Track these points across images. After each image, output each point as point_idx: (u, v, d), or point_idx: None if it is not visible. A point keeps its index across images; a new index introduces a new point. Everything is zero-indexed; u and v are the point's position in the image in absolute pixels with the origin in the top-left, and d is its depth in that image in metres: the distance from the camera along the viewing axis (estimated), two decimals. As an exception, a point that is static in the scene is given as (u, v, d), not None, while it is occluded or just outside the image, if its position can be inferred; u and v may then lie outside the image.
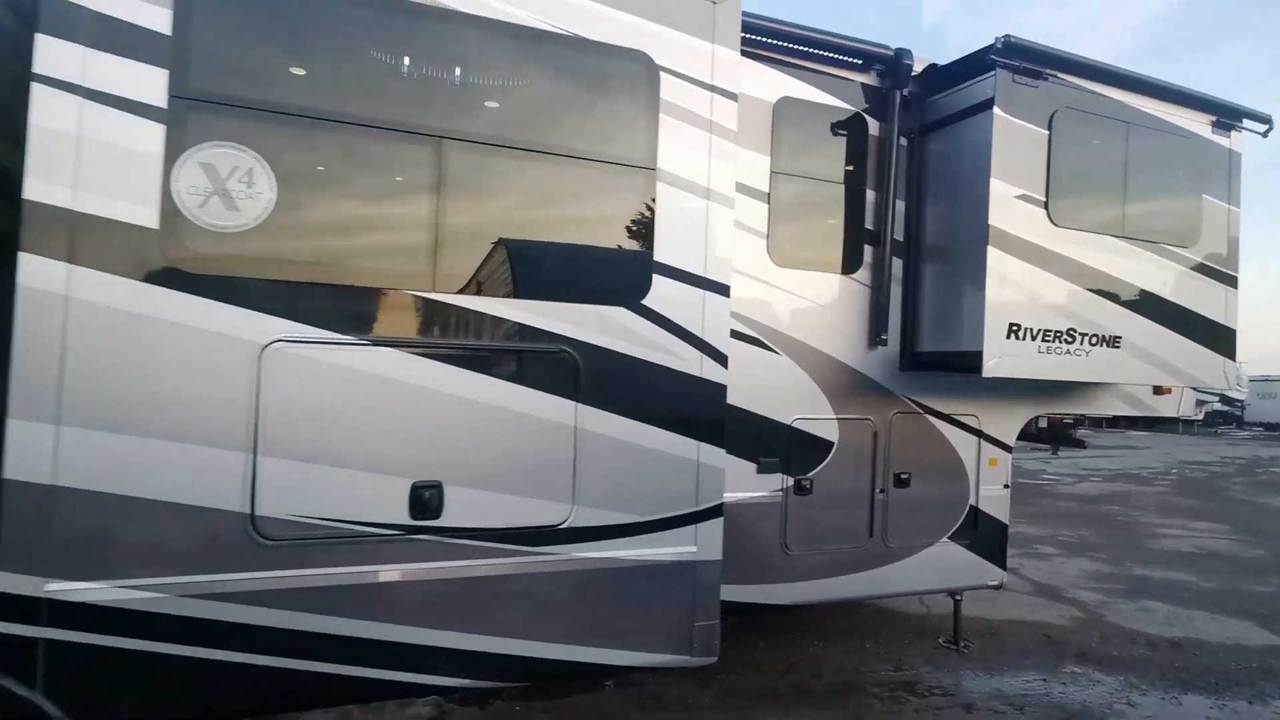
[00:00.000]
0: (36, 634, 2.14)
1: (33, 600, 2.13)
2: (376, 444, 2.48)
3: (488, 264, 2.66)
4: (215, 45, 2.37)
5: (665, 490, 2.87)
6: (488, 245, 2.68)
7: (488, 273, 2.66)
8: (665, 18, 2.90)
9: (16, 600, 2.12)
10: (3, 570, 2.11)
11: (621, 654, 2.82)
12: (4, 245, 2.17)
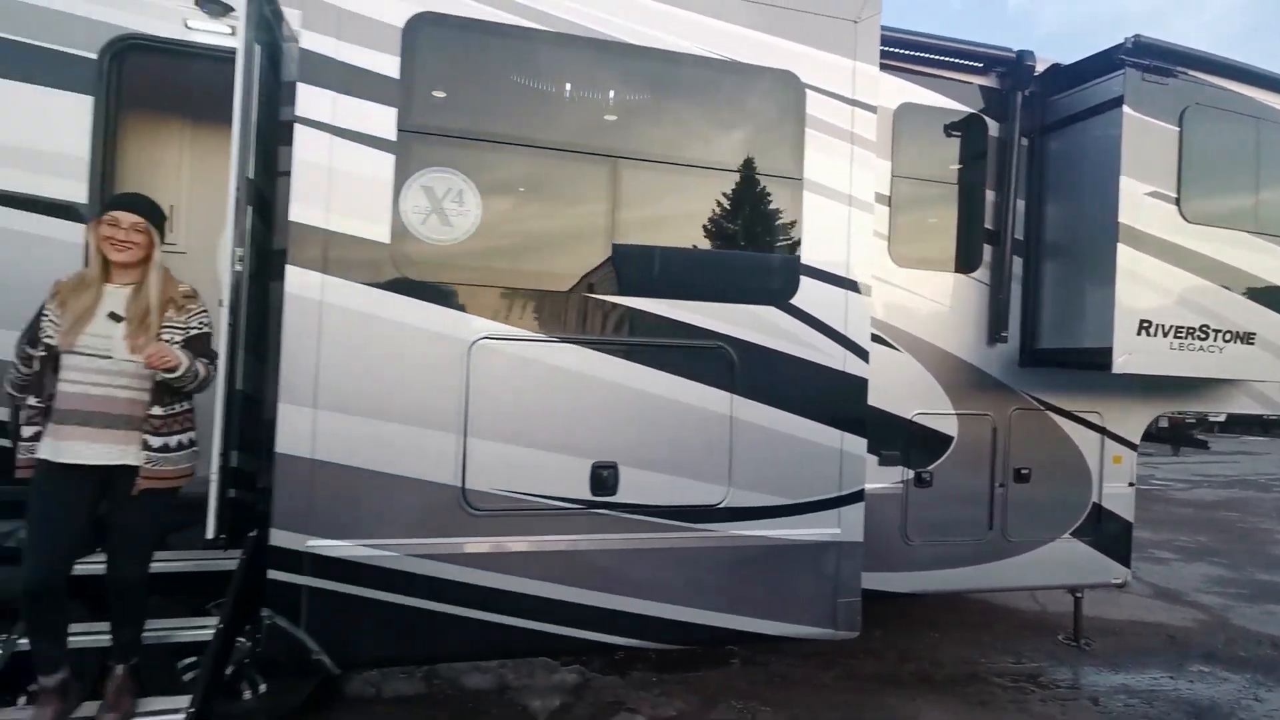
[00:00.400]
0: (300, 581, 2.58)
1: (297, 554, 2.57)
2: (562, 428, 2.83)
3: (655, 269, 2.97)
4: (432, 85, 2.76)
5: (811, 476, 3.11)
6: (655, 253, 2.98)
7: (655, 277, 2.97)
8: (811, 39, 3.14)
9: (286, 553, 2.56)
10: (277, 528, 2.56)
11: (772, 624, 3.08)
12: (277, 260, 2.62)
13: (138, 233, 2.45)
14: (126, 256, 2.45)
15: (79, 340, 2.37)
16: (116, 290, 2.47)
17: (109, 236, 2.43)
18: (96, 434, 2.37)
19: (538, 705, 3.76)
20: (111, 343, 2.39)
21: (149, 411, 2.45)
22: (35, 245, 3.20)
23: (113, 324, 2.41)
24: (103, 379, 2.39)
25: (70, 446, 2.36)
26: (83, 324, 2.38)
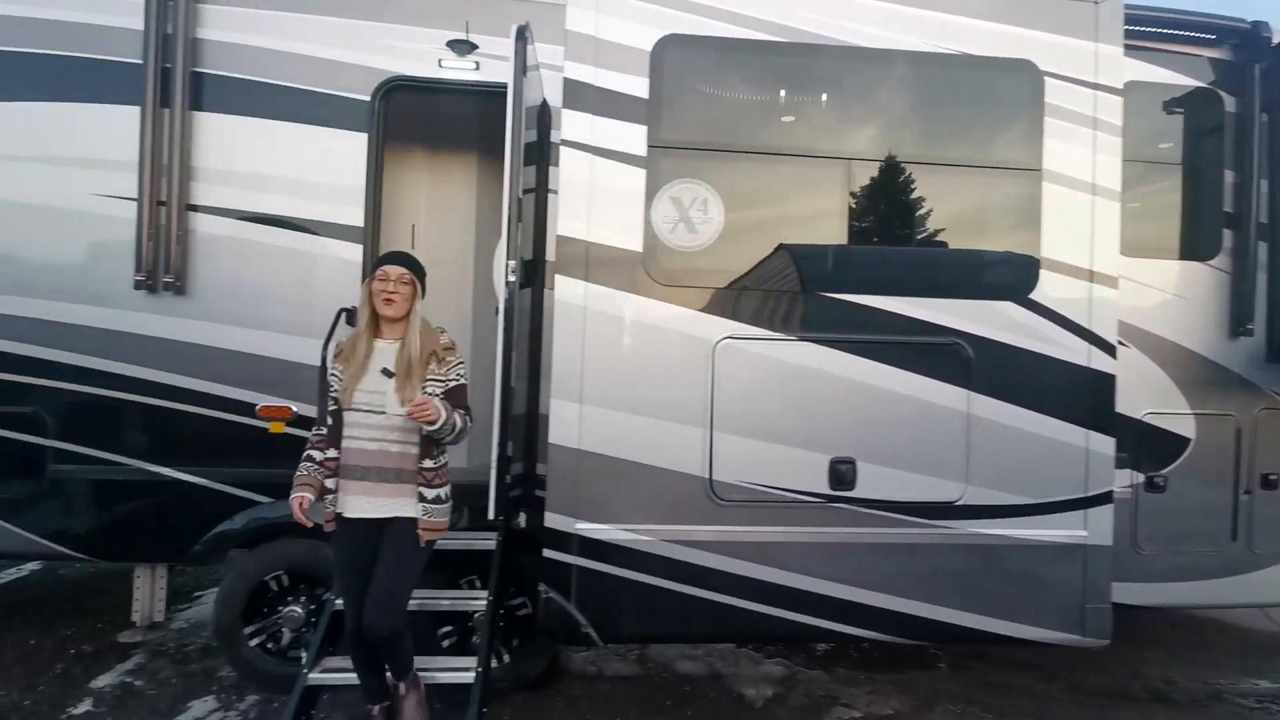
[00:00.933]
0: (570, 561, 2.85)
1: (568, 535, 2.85)
2: (802, 424, 2.94)
3: (890, 268, 3.01)
4: (676, 102, 2.96)
5: (1054, 475, 3.03)
6: (890, 252, 3.02)
7: (890, 275, 3.01)
8: (1048, 24, 3.06)
9: (559, 534, 2.85)
10: (551, 511, 2.84)
11: (1013, 626, 3.02)
12: (546, 271, 2.91)
13: (404, 284, 2.58)
14: (394, 310, 2.57)
15: (356, 397, 2.53)
16: (387, 346, 2.60)
17: (380, 290, 2.57)
18: (374, 488, 2.52)
19: (752, 693, 3.88)
20: (384, 398, 2.52)
21: (420, 464, 2.57)
22: (324, 264, 3.74)
23: (385, 379, 2.54)
24: (378, 434, 2.52)
25: (354, 501, 2.53)
26: (358, 380, 2.53)
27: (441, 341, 2.66)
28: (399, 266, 2.61)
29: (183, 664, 4.02)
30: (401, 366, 2.53)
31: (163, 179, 3.64)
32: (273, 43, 3.74)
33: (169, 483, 3.68)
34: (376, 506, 2.55)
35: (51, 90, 3.63)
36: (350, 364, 2.55)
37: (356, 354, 2.57)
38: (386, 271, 2.60)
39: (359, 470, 2.53)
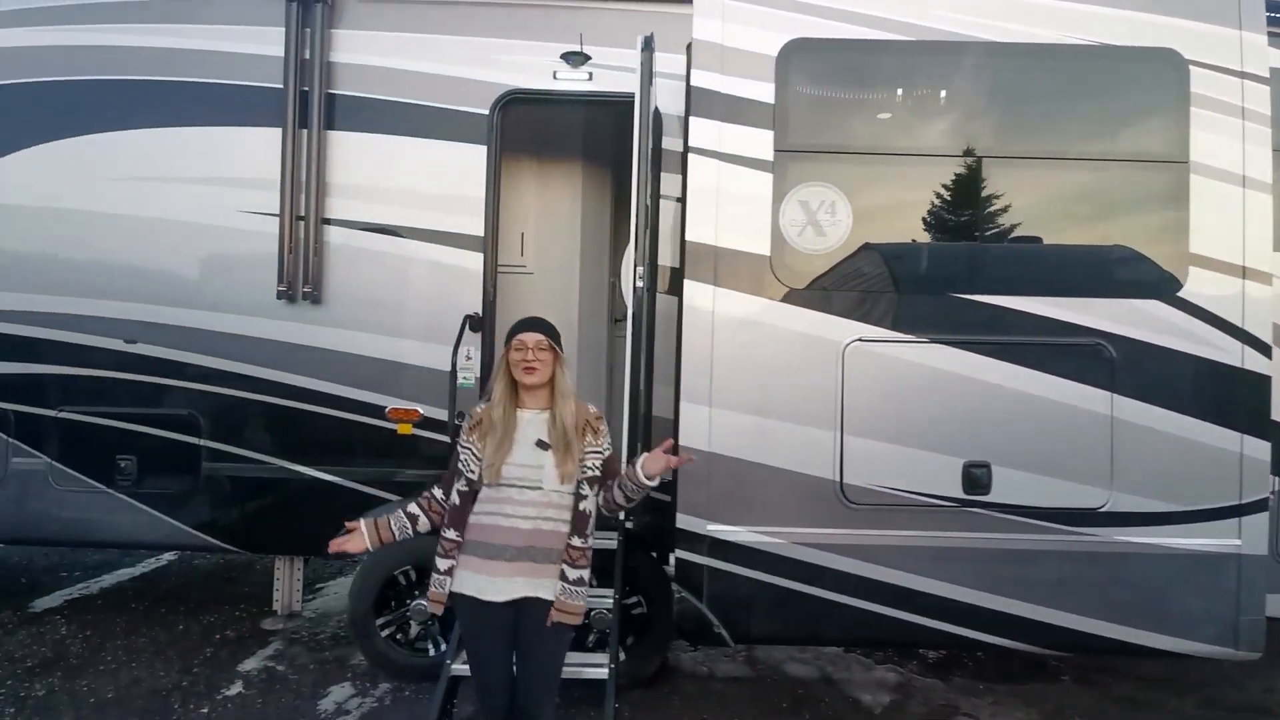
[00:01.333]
0: (703, 561, 2.89)
1: (700, 536, 2.89)
2: (934, 427, 2.90)
3: (1024, 265, 2.94)
4: (804, 106, 2.97)
5: (1205, 481, 2.89)
6: (1023, 249, 2.96)
7: (1024, 273, 2.94)
8: (1191, 11, 2.92)
9: (689, 535, 2.90)
10: (682, 513, 2.90)
11: (1160, 638, 2.90)
12: (677, 277, 2.97)
13: (542, 351, 2.37)
14: (535, 378, 2.36)
15: (507, 472, 2.29)
16: (533, 416, 2.39)
17: (519, 360, 2.36)
18: (522, 568, 2.28)
19: (869, 699, 3.84)
20: (542, 472, 2.30)
21: (569, 542, 2.33)
22: (448, 272, 3.91)
23: (540, 452, 2.32)
24: (532, 511, 2.29)
25: (496, 583, 2.28)
26: (507, 454, 2.30)
27: (592, 411, 2.47)
28: (535, 333, 2.40)
29: (317, 651, 4.26)
30: (558, 439, 2.32)
31: (301, 195, 3.88)
32: (398, 63, 3.93)
33: (307, 480, 3.92)
34: (521, 587, 2.29)
35: (203, 116, 3.92)
36: (492, 438, 2.31)
37: (498, 426, 2.32)
38: (523, 340, 2.39)
39: (509, 550, 2.27)
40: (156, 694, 3.65)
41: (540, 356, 2.37)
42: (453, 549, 2.33)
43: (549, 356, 2.40)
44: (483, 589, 2.29)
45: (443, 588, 2.34)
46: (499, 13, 3.93)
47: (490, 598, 2.29)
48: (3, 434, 3.93)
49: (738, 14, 2.93)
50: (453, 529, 2.34)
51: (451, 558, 2.33)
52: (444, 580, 2.33)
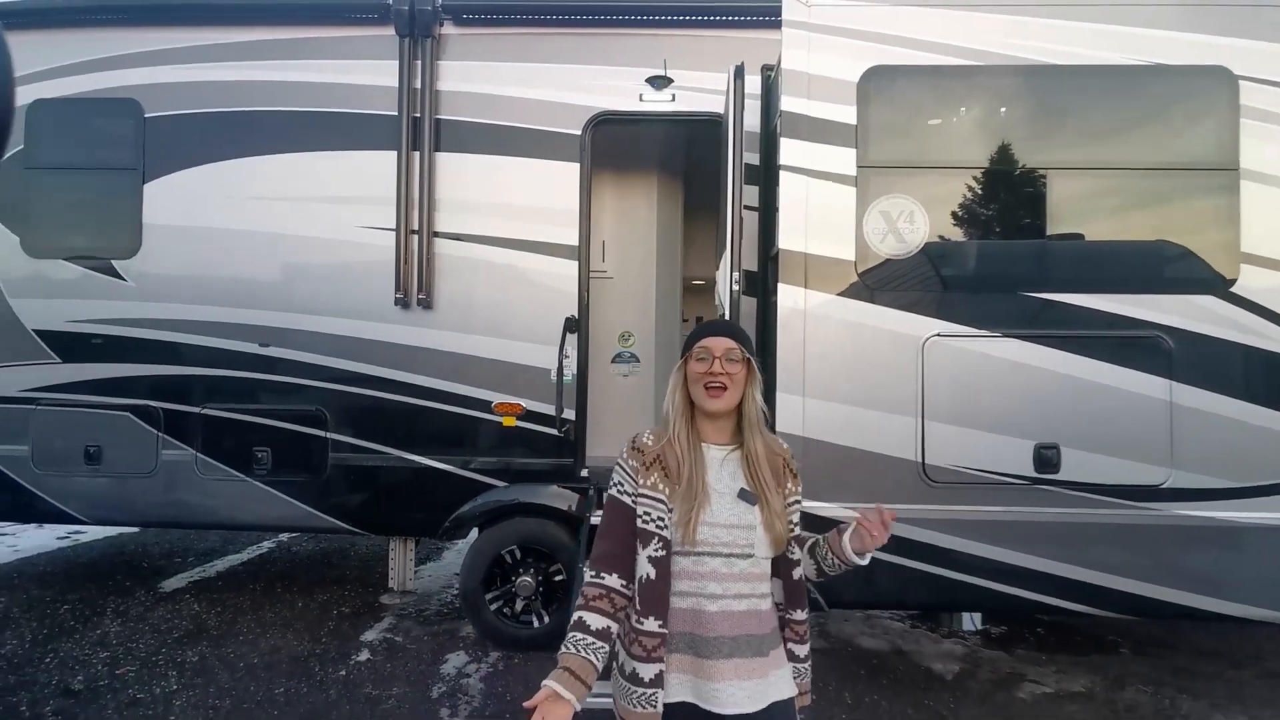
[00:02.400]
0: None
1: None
2: (1007, 412, 3.21)
3: (1084, 266, 3.24)
4: (881, 125, 3.30)
5: (1259, 460, 3.16)
6: (1086, 250, 3.26)
7: (1085, 273, 3.24)
8: (1241, 27, 3.20)
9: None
10: (780, 490, 3.24)
11: (1224, 604, 3.18)
12: (770, 281, 3.33)
13: (732, 363, 1.71)
14: (722, 403, 1.70)
15: (708, 533, 1.63)
16: (725, 456, 1.74)
17: (701, 374, 1.71)
18: (743, 666, 1.63)
19: (940, 668, 4.15)
20: (753, 535, 1.66)
21: (790, 616, 1.74)
22: (545, 278, 4.31)
23: (746, 508, 1.67)
24: (745, 587, 1.66)
25: (722, 690, 1.61)
26: (703, 508, 1.64)
27: (785, 447, 1.83)
28: (724, 339, 1.74)
29: (427, 625, 4.69)
30: (763, 488, 1.68)
31: (414, 211, 4.31)
32: (498, 89, 4.34)
33: (421, 468, 4.35)
34: (757, 693, 1.64)
35: (328, 141, 4.37)
36: (679, 483, 1.66)
37: (684, 469, 1.67)
38: (708, 347, 1.72)
39: (725, 644, 1.63)
40: (296, 660, 4.10)
41: (730, 370, 1.71)
42: (659, 647, 1.62)
43: (741, 372, 1.73)
44: (704, 697, 1.63)
45: (654, 705, 1.60)
46: (589, 40, 4.32)
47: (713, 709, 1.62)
48: (154, 429, 4.42)
49: (822, 45, 3.27)
50: (653, 617, 1.62)
51: (659, 660, 1.62)
52: (654, 696, 1.61)
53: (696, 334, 1.78)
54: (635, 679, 1.62)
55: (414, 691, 3.76)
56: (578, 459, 4.28)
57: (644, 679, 1.61)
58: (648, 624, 1.62)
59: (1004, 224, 3.33)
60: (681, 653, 1.65)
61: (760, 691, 1.64)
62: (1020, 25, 3.27)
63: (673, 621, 1.65)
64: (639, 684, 1.61)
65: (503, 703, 3.65)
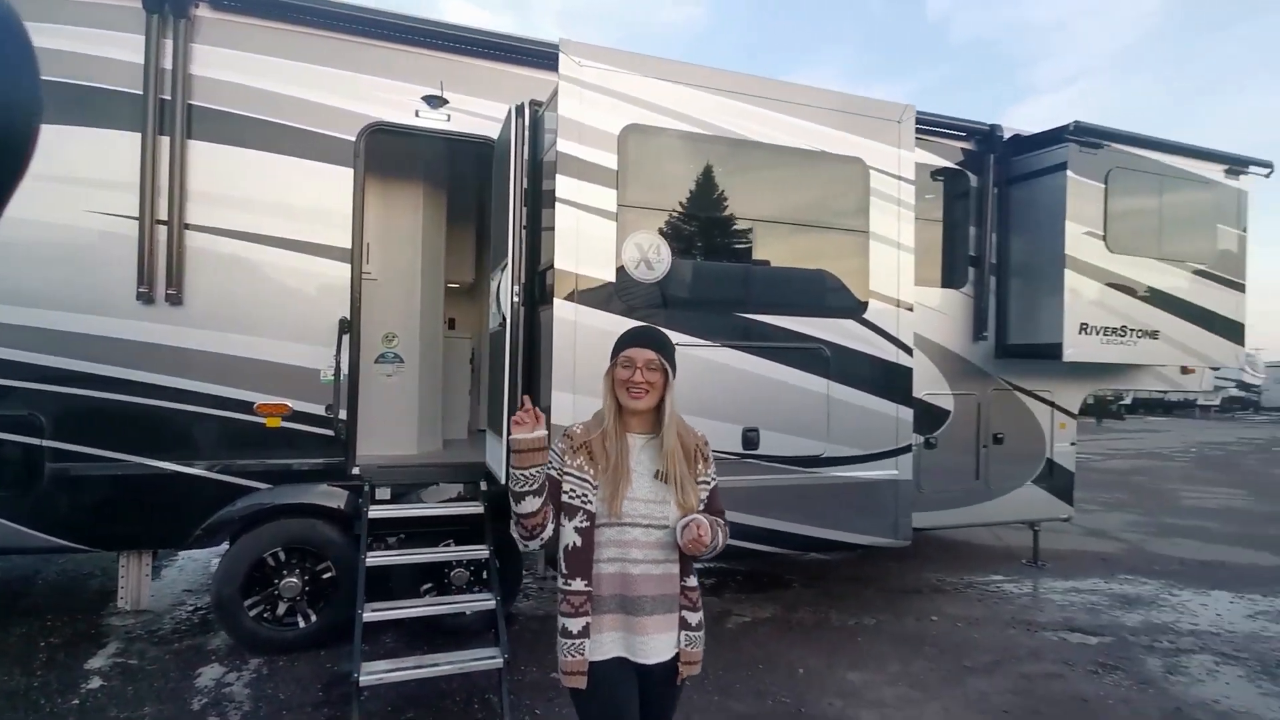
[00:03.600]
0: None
1: (566, 490, 3.82)
2: (724, 403, 4.15)
3: (776, 295, 4.34)
4: (636, 174, 4.04)
5: (879, 434, 4.53)
6: (775, 285, 4.36)
7: (777, 300, 4.34)
8: (872, 134, 4.55)
9: (559, 490, 3.81)
10: (554, 473, 3.79)
11: (859, 536, 4.50)
12: (548, 295, 3.86)
13: (652, 371, 2.04)
14: (642, 404, 2.03)
15: (630, 508, 1.97)
16: (646, 442, 2.08)
17: (625, 380, 2.04)
18: (665, 621, 1.99)
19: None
20: (667, 509, 2.00)
21: (684, 584, 2.05)
22: (318, 281, 4.34)
23: (661, 486, 2.01)
24: (660, 554, 1.99)
25: (650, 643, 1.96)
26: (627, 486, 1.98)
27: (700, 435, 2.19)
28: (645, 350, 2.05)
29: (165, 645, 4.36)
30: (676, 469, 2.02)
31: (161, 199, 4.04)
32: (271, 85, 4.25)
33: (168, 475, 4.08)
34: (670, 644, 2.00)
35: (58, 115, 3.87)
36: (604, 465, 2.00)
37: (611, 454, 2.00)
38: (630, 357, 2.05)
39: (649, 602, 1.96)
40: (11, 695, 3.61)
41: (650, 378, 2.03)
42: (584, 604, 1.96)
43: (660, 378, 2.05)
44: (635, 650, 1.97)
45: (581, 653, 1.95)
46: (367, 50, 4.44)
47: (642, 660, 1.97)
48: None
49: (592, 100, 3.91)
50: (579, 578, 1.96)
51: (585, 614, 1.96)
52: (580, 645, 1.95)
53: (623, 342, 2.11)
54: (566, 633, 1.97)
55: (171, 708, 3.59)
56: (349, 457, 4.38)
57: (572, 631, 1.96)
58: (575, 584, 1.96)
59: (723, 260, 4.30)
60: (613, 613, 1.97)
61: (670, 643, 2.00)
62: (734, 108, 4.25)
63: (603, 585, 1.96)
64: (569, 636, 1.96)
65: (276, 704, 3.67)
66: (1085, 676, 4.22)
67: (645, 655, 1.98)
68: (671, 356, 2.11)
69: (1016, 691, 4.01)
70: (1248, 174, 6.43)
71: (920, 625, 5.03)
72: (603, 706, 1.99)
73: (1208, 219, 6.27)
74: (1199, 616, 5.34)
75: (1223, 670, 4.34)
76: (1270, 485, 12.14)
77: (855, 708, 3.76)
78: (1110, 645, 4.72)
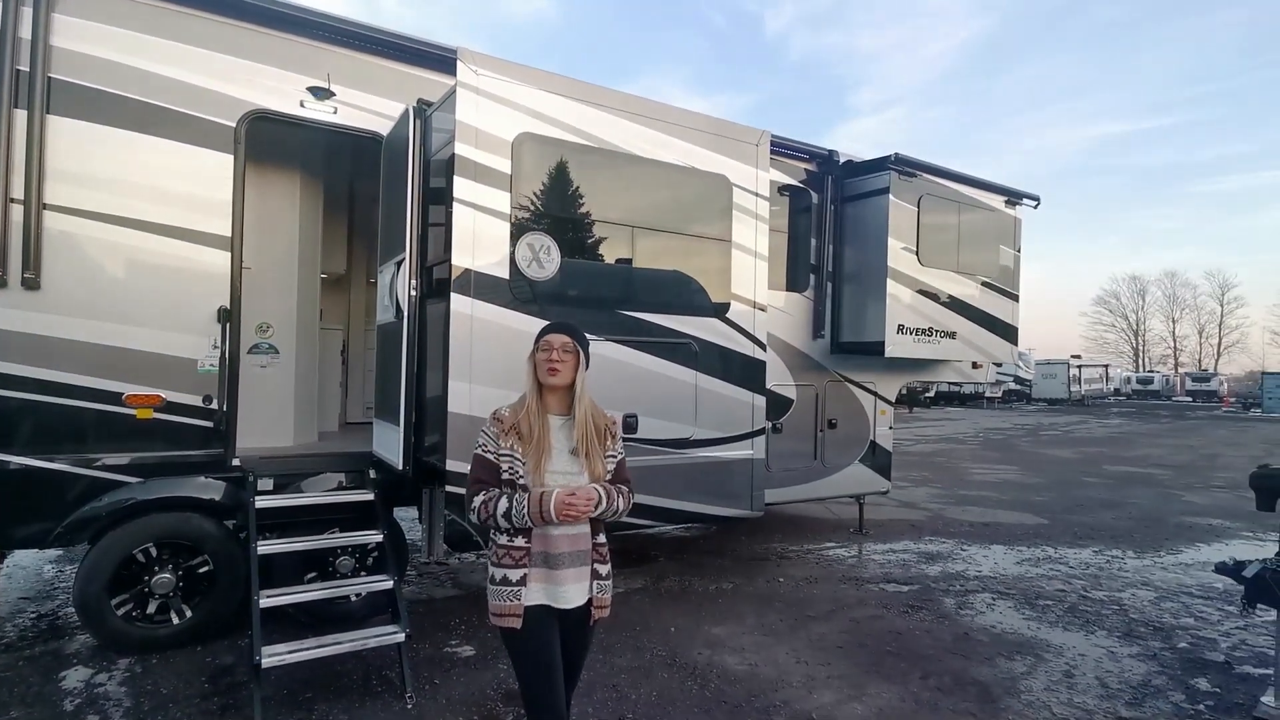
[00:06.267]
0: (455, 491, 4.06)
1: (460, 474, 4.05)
2: (606, 391, 4.54)
3: (652, 295, 4.83)
4: (528, 178, 4.34)
5: (739, 419, 5.17)
6: (652, 286, 4.85)
7: (653, 300, 4.82)
8: (734, 154, 5.17)
9: (455, 474, 4.03)
10: (450, 459, 4.01)
11: (722, 509, 5.11)
12: (445, 289, 4.07)
13: (567, 353, 2.45)
14: (558, 380, 2.44)
15: (551, 479, 2.35)
16: (563, 423, 2.46)
17: (544, 360, 2.44)
18: (579, 573, 2.39)
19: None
20: (581, 479, 2.38)
21: (595, 541, 2.46)
22: (194, 269, 4.24)
23: (575, 459, 2.40)
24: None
25: (565, 591, 2.36)
26: (548, 459, 2.36)
27: (609, 416, 2.57)
28: (561, 335, 2.49)
29: (14, 652, 4.07)
30: (587, 444, 2.41)
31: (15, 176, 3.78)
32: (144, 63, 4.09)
33: (21, 471, 3.84)
34: (581, 593, 2.40)
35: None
36: (529, 445, 2.37)
37: (534, 432, 2.38)
38: (549, 341, 2.47)
39: (566, 557, 2.37)
40: None
41: (564, 358, 2.45)
42: (523, 558, 2.35)
43: (572, 360, 2.47)
44: (556, 598, 2.36)
45: (518, 599, 2.33)
46: (250, 35, 4.37)
47: (562, 606, 2.37)
48: None
49: (488, 107, 4.15)
50: (520, 537, 2.36)
51: (523, 566, 2.35)
52: (518, 591, 2.34)
53: (543, 331, 2.54)
54: (505, 581, 2.35)
55: (41, 710, 3.44)
56: (229, 449, 4.31)
57: (512, 580, 2.34)
58: (517, 541, 2.36)
59: (607, 262, 4.72)
60: (538, 566, 2.36)
61: (583, 591, 2.40)
62: (616, 123, 4.67)
63: (531, 543, 2.36)
64: (508, 584, 2.34)
65: (159, 699, 3.61)
66: (899, 615, 5.11)
67: (564, 601, 2.37)
68: (584, 344, 2.53)
69: (847, 631, 4.79)
70: (1022, 204, 7.84)
71: (770, 586, 5.76)
72: (533, 642, 2.36)
73: (992, 240, 7.59)
74: (981, 565, 6.54)
75: (998, 604, 5.43)
76: (1036, 462, 14.59)
77: (721, 654, 4.35)
78: (917, 591, 5.70)
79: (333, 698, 3.66)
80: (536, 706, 2.38)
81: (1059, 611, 5.30)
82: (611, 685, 3.87)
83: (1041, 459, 15.18)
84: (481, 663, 4.12)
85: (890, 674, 4.14)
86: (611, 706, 3.64)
